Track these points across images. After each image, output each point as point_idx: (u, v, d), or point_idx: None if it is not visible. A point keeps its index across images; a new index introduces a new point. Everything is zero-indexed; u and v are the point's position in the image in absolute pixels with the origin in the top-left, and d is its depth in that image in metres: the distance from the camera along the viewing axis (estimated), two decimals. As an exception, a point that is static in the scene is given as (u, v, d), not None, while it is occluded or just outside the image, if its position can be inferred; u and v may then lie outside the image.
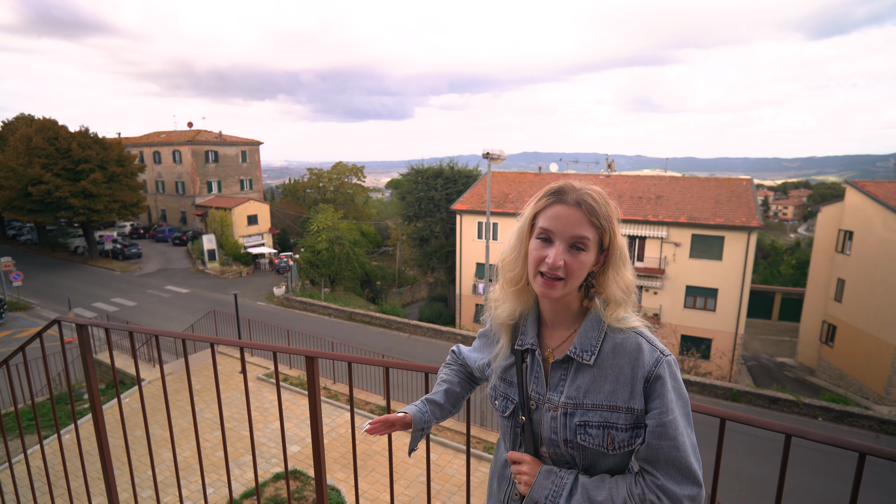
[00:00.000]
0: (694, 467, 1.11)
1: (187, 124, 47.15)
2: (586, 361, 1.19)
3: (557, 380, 1.25)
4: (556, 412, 1.23)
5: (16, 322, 22.25)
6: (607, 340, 1.19)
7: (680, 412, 1.13)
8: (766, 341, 29.79)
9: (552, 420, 1.24)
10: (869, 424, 13.84)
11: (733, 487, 10.72)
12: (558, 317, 1.28)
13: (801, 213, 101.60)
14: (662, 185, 25.29)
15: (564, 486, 1.20)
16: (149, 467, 8.61)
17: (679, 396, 1.14)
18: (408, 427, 1.47)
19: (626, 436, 1.16)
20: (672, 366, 1.14)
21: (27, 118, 40.25)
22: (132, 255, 35.45)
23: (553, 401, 1.24)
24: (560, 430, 1.22)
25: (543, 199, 1.21)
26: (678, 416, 1.12)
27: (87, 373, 2.55)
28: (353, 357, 2.06)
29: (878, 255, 19.93)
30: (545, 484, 1.22)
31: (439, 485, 8.88)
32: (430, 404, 1.52)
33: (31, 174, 29.61)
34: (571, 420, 1.20)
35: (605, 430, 1.16)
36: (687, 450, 1.11)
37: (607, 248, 1.19)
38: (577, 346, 1.21)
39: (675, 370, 1.15)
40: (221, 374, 13.26)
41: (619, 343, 1.17)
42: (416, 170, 35.90)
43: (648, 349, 1.15)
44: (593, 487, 1.16)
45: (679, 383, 1.15)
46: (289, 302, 26.32)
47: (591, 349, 1.19)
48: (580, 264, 1.15)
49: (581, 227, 1.15)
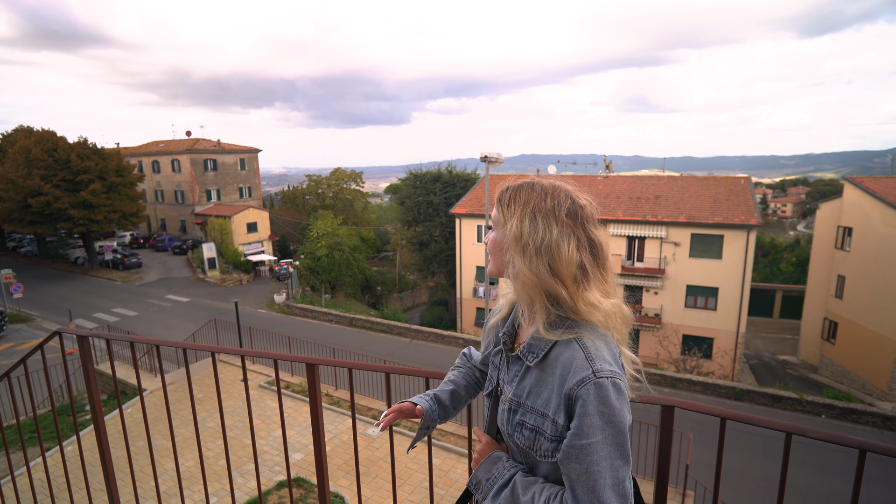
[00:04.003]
0: (603, 498, 1.03)
1: (186, 133, 47.25)
2: (529, 363, 1.21)
3: (512, 375, 1.27)
4: (505, 406, 1.27)
5: (16, 334, 22.23)
6: (557, 346, 1.16)
7: (601, 438, 1.03)
8: (767, 339, 29.75)
9: (502, 412, 1.29)
10: (872, 421, 13.81)
11: (738, 487, 10.69)
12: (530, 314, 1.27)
13: (799, 211, 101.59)
14: (661, 184, 25.32)
15: (500, 477, 1.24)
16: (151, 478, 8.57)
17: (606, 423, 1.03)
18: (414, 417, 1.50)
19: (551, 446, 1.13)
20: (602, 388, 1.04)
21: (26, 130, 40.34)
22: (132, 265, 35.47)
23: (506, 394, 1.28)
24: (505, 423, 1.26)
25: None
26: (596, 443, 1.03)
27: (88, 384, 2.55)
28: (354, 363, 2.06)
29: (878, 251, 19.93)
30: (487, 467, 1.28)
31: (443, 490, 8.85)
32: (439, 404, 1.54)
33: (31, 186, 29.68)
34: (513, 417, 1.23)
35: (535, 434, 1.17)
36: (601, 480, 1.03)
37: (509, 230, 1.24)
38: (525, 346, 1.23)
39: (606, 393, 1.04)
40: (223, 382, 13.24)
41: (560, 352, 1.14)
42: (415, 174, 35.95)
43: (581, 366, 1.08)
44: (522, 487, 1.19)
45: (609, 408, 1.03)
46: (289, 309, 26.30)
47: (536, 352, 1.19)
48: (489, 241, 1.27)
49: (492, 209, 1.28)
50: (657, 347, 22.77)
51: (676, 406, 1.61)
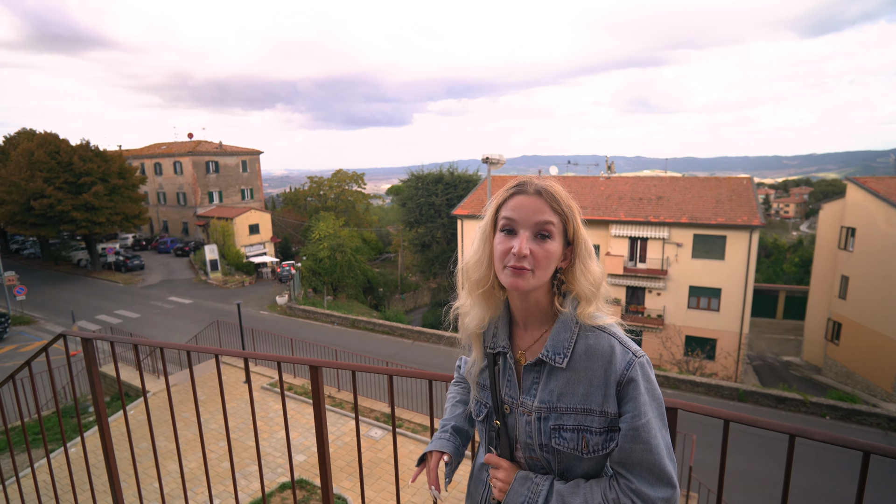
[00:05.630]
0: (668, 469, 1.09)
1: (188, 135, 47.38)
2: (559, 364, 1.16)
3: (530, 383, 1.22)
4: (531, 416, 1.21)
5: (20, 336, 22.29)
6: (580, 341, 1.16)
7: (653, 413, 1.11)
8: (771, 340, 29.66)
9: (527, 424, 1.22)
10: (877, 422, 13.74)
11: (743, 489, 10.66)
12: (530, 316, 1.25)
13: (802, 211, 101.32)
14: (663, 185, 25.28)
15: (540, 492, 1.18)
16: (155, 479, 8.60)
17: (652, 398, 1.12)
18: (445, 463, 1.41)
19: (601, 439, 1.14)
20: (645, 367, 1.13)
21: (28, 133, 40.49)
22: (135, 267, 35.54)
23: (527, 405, 1.22)
24: (535, 434, 1.20)
25: (504, 193, 1.21)
26: (651, 419, 1.10)
27: (92, 386, 2.56)
28: (356, 366, 2.07)
29: (882, 251, 19.86)
30: (521, 490, 1.21)
31: (446, 491, 8.84)
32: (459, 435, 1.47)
33: (33, 188, 29.79)
34: (546, 424, 1.18)
35: (579, 434, 1.15)
36: (661, 452, 1.09)
37: (573, 239, 1.18)
38: (549, 348, 1.18)
39: (648, 371, 1.13)
40: (226, 384, 13.26)
41: (591, 344, 1.15)
42: (417, 176, 35.98)
43: (621, 351, 1.13)
44: (568, 493, 1.15)
45: (652, 384, 1.12)
46: (292, 310, 26.32)
47: (563, 351, 1.16)
48: (546, 253, 1.12)
49: (544, 213, 1.13)
50: (660, 349, 22.72)
51: (679, 408, 1.61)
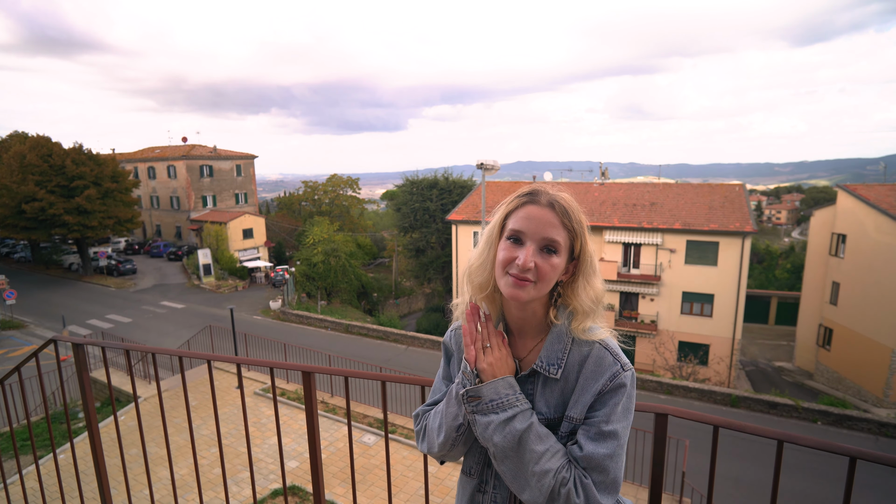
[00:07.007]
0: (619, 481, 1.12)
1: (182, 139, 47.19)
2: (553, 375, 1.17)
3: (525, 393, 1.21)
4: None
5: (9, 340, 22.05)
6: (573, 353, 1.17)
7: (622, 426, 1.12)
8: (763, 346, 29.82)
9: None
10: (868, 427, 13.85)
11: (733, 494, 10.69)
12: (525, 325, 1.24)
13: (794, 218, 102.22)
14: (656, 192, 25.45)
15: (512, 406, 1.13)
16: (146, 486, 8.51)
17: (626, 412, 1.14)
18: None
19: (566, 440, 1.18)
20: (629, 380, 1.14)
21: (21, 135, 40.21)
22: (127, 271, 35.27)
23: None
24: None
25: (515, 201, 1.18)
26: (620, 430, 1.12)
27: (83, 391, 2.54)
28: (349, 371, 2.06)
29: (872, 257, 20.07)
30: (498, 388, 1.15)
31: (439, 498, 8.81)
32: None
33: (25, 191, 29.53)
34: None
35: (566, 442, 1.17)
36: (619, 463, 1.11)
37: (578, 255, 1.16)
38: (543, 359, 1.18)
39: (630, 387, 1.14)
40: (218, 389, 13.16)
41: (584, 356, 1.16)
42: (411, 181, 36.01)
43: (610, 362, 1.14)
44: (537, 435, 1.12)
45: (630, 399, 1.14)
46: (285, 315, 26.20)
47: (557, 362, 1.17)
48: (551, 268, 1.11)
49: (553, 228, 1.11)
50: (653, 354, 22.80)
51: (670, 414, 1.62)
